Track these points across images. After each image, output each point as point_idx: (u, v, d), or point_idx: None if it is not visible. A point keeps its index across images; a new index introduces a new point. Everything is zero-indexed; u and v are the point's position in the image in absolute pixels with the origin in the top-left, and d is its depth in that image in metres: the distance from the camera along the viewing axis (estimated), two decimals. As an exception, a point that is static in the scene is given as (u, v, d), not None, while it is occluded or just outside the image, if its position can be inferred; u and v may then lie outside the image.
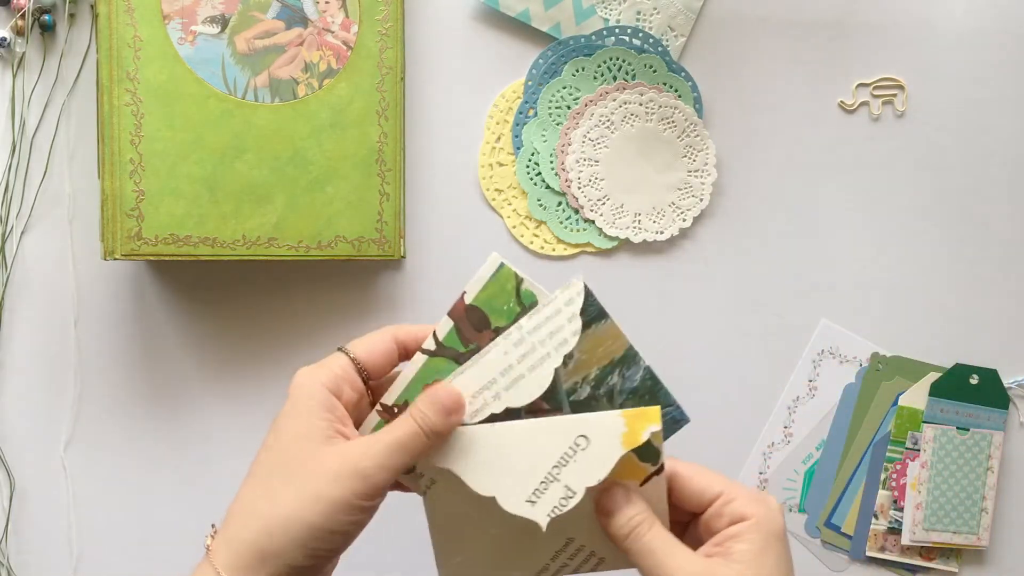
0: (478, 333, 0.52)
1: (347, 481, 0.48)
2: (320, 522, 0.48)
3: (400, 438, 0.49)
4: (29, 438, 0.74)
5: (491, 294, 0.53)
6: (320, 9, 0.69)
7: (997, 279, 0.79)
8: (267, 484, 0.49)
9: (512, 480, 0.51)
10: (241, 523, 0.49)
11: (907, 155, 0.78)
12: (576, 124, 0.75)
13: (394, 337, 0.54)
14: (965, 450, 0.78)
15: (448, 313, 0.53)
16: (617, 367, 0.54)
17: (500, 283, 0.53)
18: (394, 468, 0.49)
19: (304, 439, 0.50)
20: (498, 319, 0.53)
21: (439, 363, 0.52)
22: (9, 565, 0.74)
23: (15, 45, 0.71)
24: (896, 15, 0.77)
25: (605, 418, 0.51)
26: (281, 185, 0.68)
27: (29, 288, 0.73)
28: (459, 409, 0.51)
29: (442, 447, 0.51)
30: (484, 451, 0.51)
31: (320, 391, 0.51)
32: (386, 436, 0.50)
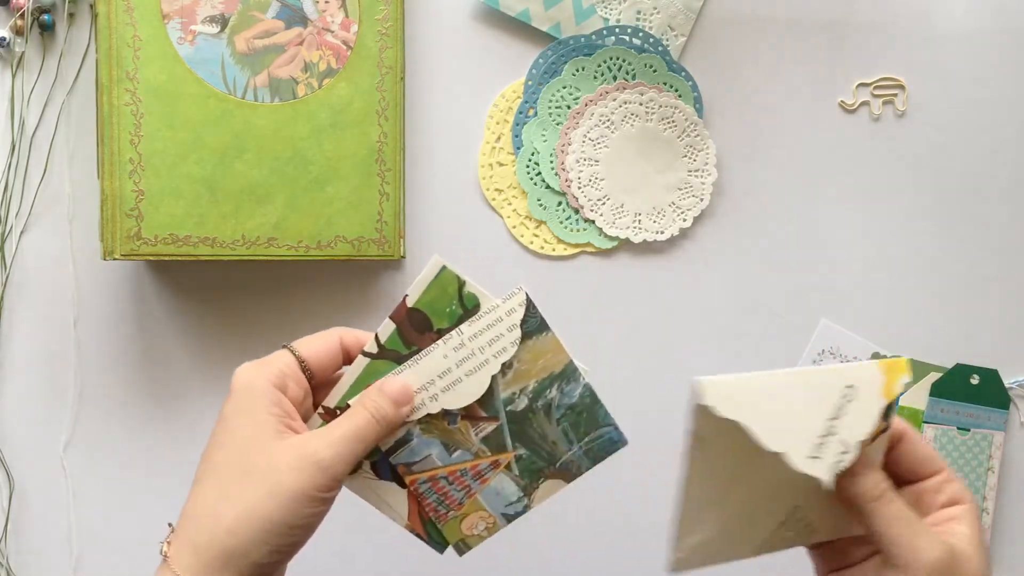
0: (420, 335, 0.53)
1: (306, 473, 0.48)
2: (281, 516, 0.47)
3: (356, 428, 0.50)
4: (29, 438, 0.74)
5: (433, 297, 0.53)
6: (320, 9, 0.69)
7: (997, 279, 0.79)
8: (223, 483, 0.49)
9: (795, 435, 0.48)
10: (201, 525, 0.48)
11: (907, 155, 0.78)
12: (576, 124, 0.75)
13: (340, 339, 0.54)
14: (966, 450, 0.78)
15: (390, 316, 0.52)
16: (556, 381, 0.54)
17: (442, 286, 0.53)
18: (351, 457, 0.49)
19: (256, 435, 0.49)
20: (440, 321, 0.53)
21: (380, 365, 0.53)
22: (9, 565, 0.74)
23: (14, 45, 0.71)
24: (896, 15, 0.77)
25: (865, 368, 0.49)
26: (281, 185, 0.68)
27: (29, 288, 0.73)
28: (408, 400, 0.52)
29: (735, 397, 0.48)
30: (768, 402, 0.48)
31: (266, 387, 0.50)
32: (342, 426, 0.50)
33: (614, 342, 0.77)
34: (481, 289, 0.53)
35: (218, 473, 0.49)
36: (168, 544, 0.49)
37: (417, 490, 0.54)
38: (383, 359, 0.52)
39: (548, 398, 0.54)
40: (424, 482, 0.54)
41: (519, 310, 0.53)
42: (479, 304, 0.53)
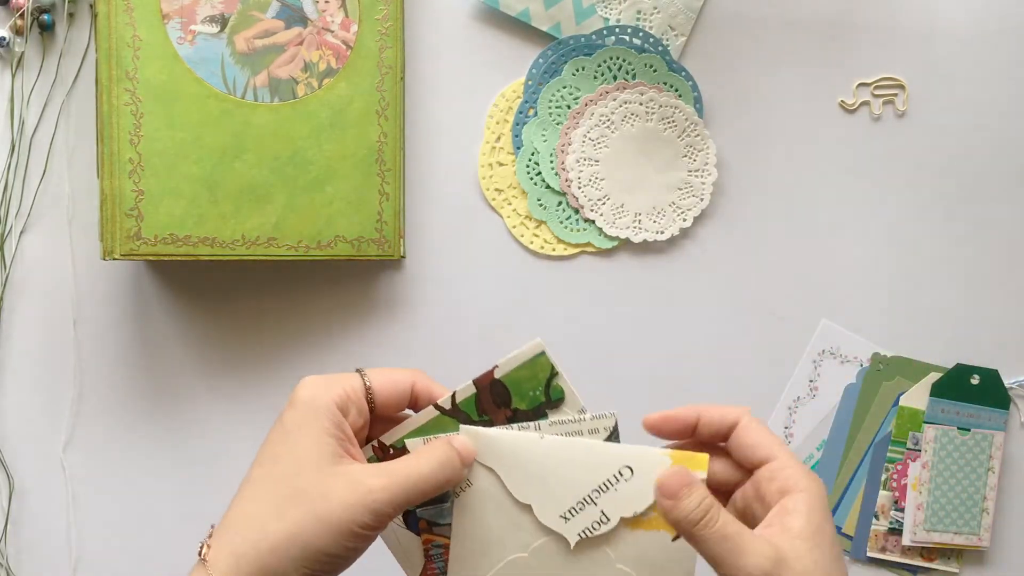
0: (496, 408, 0.52)
1: (356, 510, 0.47)
2: (324, 545, 0.47)
3: (420, 473, 0.49)
4: (28, 438, 0.74)
5: (522, 377, 0.52)
6: (320, 8, 0.69)
7: (997, 279, 0.79)
8: (275, 499, 0.48)
9: (550, 493, 0.51)
10: (245, 536, 0.48)
11: (908, 155, 0.78)
12: (576, 124, 0.75)
13: (414, 381, 0.53)
14: (966, 450, 0.78)
15: (474, 380, 0.52)
16: None
17: (534, 369, 0.52)
18: (405, 502, 0.48)
19: (313, 455, 0.48)
20: (520, 402, 0.52)
21: (448, 422, 0.52)
22: (8, 565, 0.74)
23: (14, 44, 0.71)
24: (896, 15, 0.77)
25: (651, 454, 0.51)
26: (281, 185, 0.68)
27: (28, 288, 0.73)
28: (471, 461, 0.51)
29: (489, 448, 0.51)
30: (529, 458, 0.51)
31: (330, 406, 0.50)
32: (404, 469, 0.49)
33: (614, 342, 0.77)
34: (571, 386, 0.53)
35: (272, 487, 0.49)
36: (208, 546, 0.48)
37: (428, 551, 0.53)
38: (453, 417, 0.52)
39: None
40: (437, 546, 0.53)
41: (603, 434, 0.52)
42: (563, 399, 0.53)
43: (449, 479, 0.50)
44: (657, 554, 0.51)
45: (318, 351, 0.75)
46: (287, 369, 0.75)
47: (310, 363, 0.75)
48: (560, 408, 0.53)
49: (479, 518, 0.52)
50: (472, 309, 0.76)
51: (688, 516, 0.49)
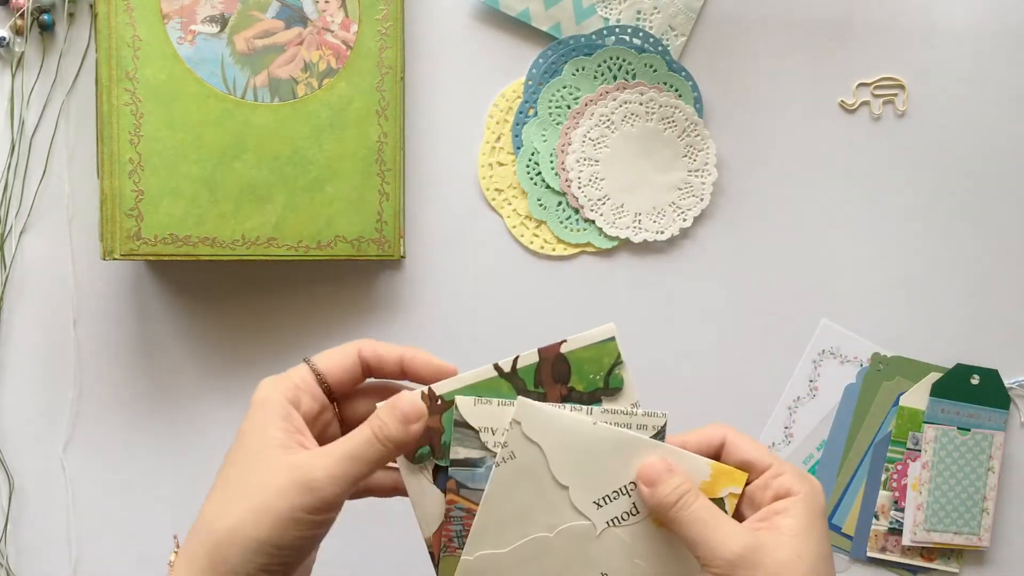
0: (553, 383, 0.52)
1: (293, 493, 0.46)
2: (267, 536, 0.46)
3: (354, 448, 0.48)
4: (28, 438, 0.74)
5: (587, 357, 0.52)
6: (320, 8, 0.69)
7: (997, 279, 0.79)
8: (225, 495, 0.48)
9: (590, 478, 0.51)
10: (198, 538, 0.47)
11: (908, 155, 0.78)
12: (576, 124, 0.75)
13: (359, 351, 0.53)
14: (966, 450, 0.78)
15: (539, 349, 0.52)
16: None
17: (600, 352, 0.53)
18: (346, 480, 0.47)
19: (261, 450, 0.48)
20: (578, 382, 0.53)
21: (502, 384, 0.52)
22: (8, 565, 0.74)
23: (14, 44, 0.71)
24: (896, 15, 0.77)
25: (696, 460, 0.52)
26: (281, 185, 0.68)
27: (28, 288, 0.73)
28: (419, 418, 0.49)
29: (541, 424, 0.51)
30: (577, 441, 0.51)
31: (279, 400, 0.50)
32: (341, 448, 0.48)
33: (614, 342, 0.77)
34: (632, 380, 0.53)
35: (224, 485, 0.49)
36: (175, 555, 0.49)
37: (450, 511, 0.53)
38: (508, 381, 0.52)
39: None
40: (460, 508, 0.53)
41: (650, 431, 0.52)
42: (621, 389, 0.53)
43: (387, 450, 0.48)
44: (674, 555, 0.52)
45: (318, 351, 0.75)
46: (287, 369, 0.75)
47: (310, 363, 0.75)
48: (615, 398, 0.53)
49: (514, 490, 0.52)
50: (472, 309, 0.76)
51: (663, 500, 0.50)
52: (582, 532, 0.52)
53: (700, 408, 0.77)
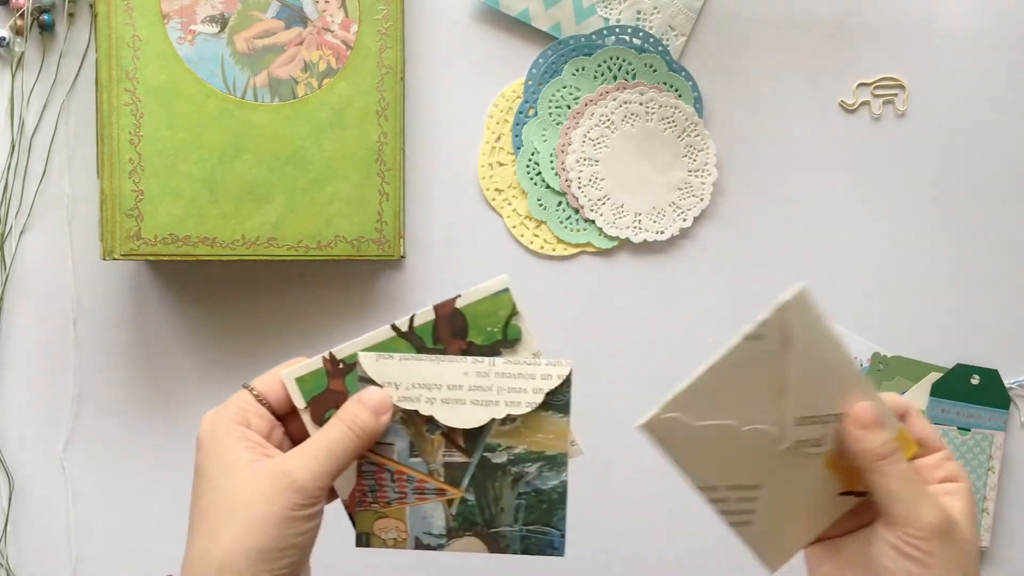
0: (451, 339, 0.53)
1: (281, 496, 0.48)
2: (266, 543, 0.47)
3: (330, 442, 0.50)
4: (29, 438, 0.74)
5: (482, 311, 0.53)
6: (320, 9, 0.69)
7: (997, 279, 0.79)
8: (209, 525, 0.48)
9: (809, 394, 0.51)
10: (194, 569, 0.48)
11: (908, 155, 0.78)
12: (576, 124, 0.75)
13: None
14: (966, 450, 0.78)
15: (434, 306, 0.53)
16: (541, 461, 0.53)
17: (495, 305, 0.53)
18: (327, 474, 0.49)
19: (228, 473, 0.49)
20: (476, 336, 0.53)
21: (401, 344, 0.53)
22: (8, 565, 0.74)
23: (14, 44, 0.71)
24: (896, 15, 0.77)
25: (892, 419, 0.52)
26: (281, 185, 0.68)
27: (29, 288, 0.73)
28: (387, 410, 0.51)
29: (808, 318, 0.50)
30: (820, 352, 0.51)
31: (229, 425, 0.50)
32: (318, 442, 0.50)
33: (614, 342, 0.77)
34: (530, 329, 0.53)
35: (203, 517, 0.49)
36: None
37: (360, 467, 0.53)
38: (406, 340, 0.53)
39: (524, 470, 0.53)
40: (371, 463, 0.53)
41: (555, 381, 0.52)
42: (519, 339, 0.53)
43: (361, 441, 0.50)
44: (820, 493, 0.53)
45: (318, 351, 0.75)
46: (287, 369, 0.75)
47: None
48: (515, 349, 0.53)
49: (742, 372, 0.51)
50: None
51: (876, 448, 0.51)
52: (768, 442, 0.52)
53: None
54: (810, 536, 0.54)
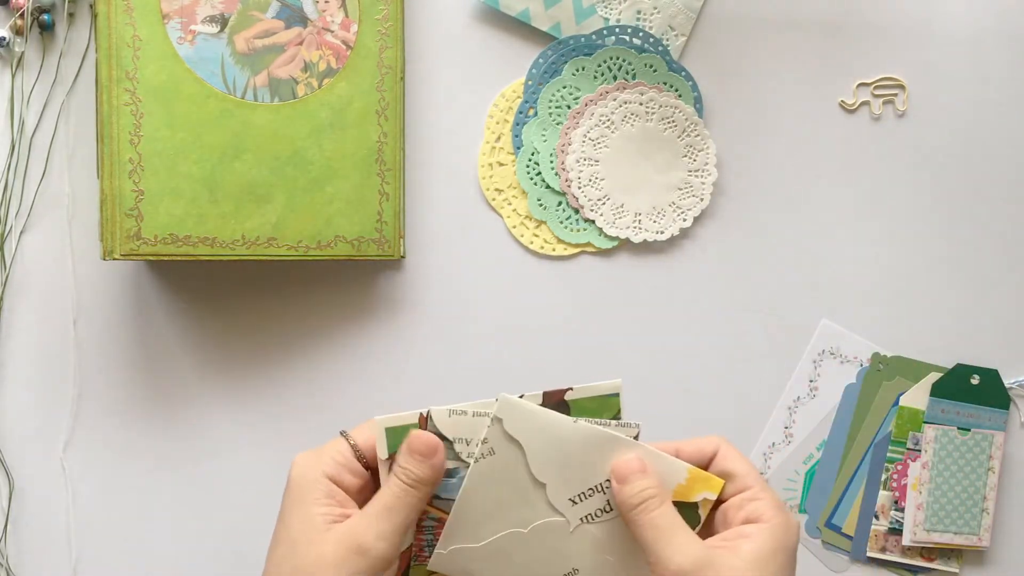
0: None
1: (350, 563, 0.48)
2: None
3: (388, 501, 0.50)
4: (28, 438, 0.74)
5: (589, 407, 0.53)
6: (320, 8, 0.69)
7: (997, 279, 0.79)
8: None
9: (567, 475, 0.53)
10: None
11: (908, 155, 0.78)
12: (576, 124, 0.75)
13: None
14: (966, 450, 0.78)
15: (544, 392, 0.53)
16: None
17: (603, 406, 0.54)
18: (394, 532, 0.49)
19: (306, 530, 0.49)
20: None
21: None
22: (8, 565, 0.74)
23: (14, 44, 0.71)
24: (896, 15, 0.77)
25: (673, 463, 0.53)
26: (281, 185, 0.68)
27: (28, 288, 0.73)
28: (435, 450, 0.51)
29: (524, 422, 0.52)
30: (558, 440, 0.53)
31: (318, 478, 0.51)
32: (376, 503, 0.50)
33: (614, 342, 0.77)
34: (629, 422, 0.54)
35: (278, 570, 0.50)
36: None
37: (422, 521, 0.53)
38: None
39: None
40: (432, 518, 0.53)
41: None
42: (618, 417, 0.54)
43: (420, 491, 0.51)
44: (642, 552, 0.52)
45: (318, 351, 0.75)
46: (287, 369, 0.75)
47: (309, 363, 0.75)
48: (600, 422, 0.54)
49: (491, 486, 0.52)
50: (472, 309, 0.76)
51: (628, 499, 0.51)
52: (556, 528, 0.53)
53: (700, 408, 0.77)
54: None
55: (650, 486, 0.51)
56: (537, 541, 0.53)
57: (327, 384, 0.75)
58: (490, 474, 0.52)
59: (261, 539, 0.76)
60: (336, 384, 0.75)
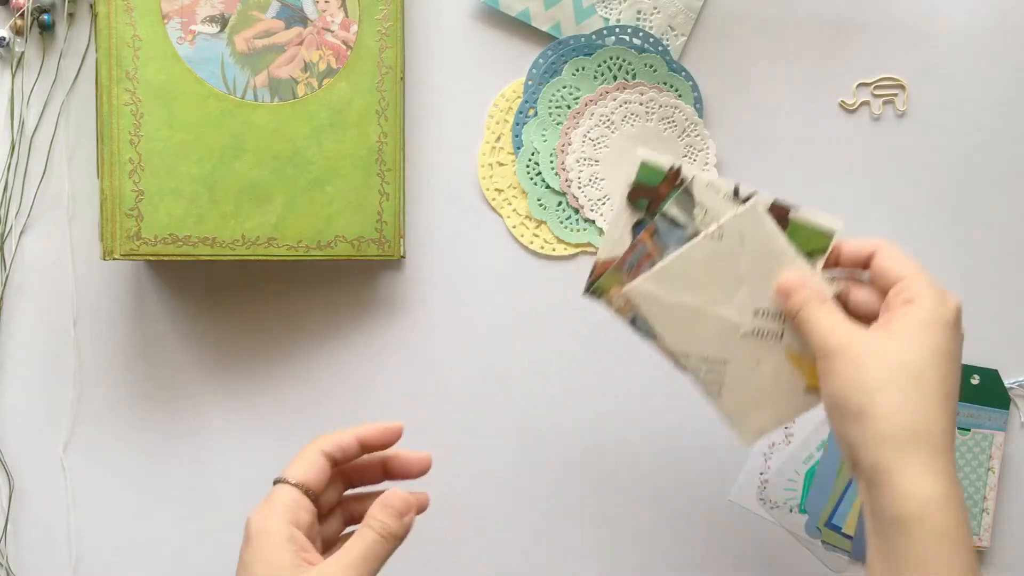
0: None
1: None
2: None
3: (365, 550, 0.53)
4: (29, 438, 0.74)
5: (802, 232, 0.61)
6: (320, 8, 0.69)
7: (997, 279, 0.79)
8: None
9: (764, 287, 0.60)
10: None
11: (908, 155, 0.78)
12: (576, 124, 0.75)
13: (321, 452, 0.57)
14: (966, 450, 0.78)
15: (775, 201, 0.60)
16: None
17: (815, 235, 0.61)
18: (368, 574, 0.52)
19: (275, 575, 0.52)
20: None
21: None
22: (8, 565, 0.74)
23: (14, 44, 0.71)
24: (896, 15, 0.77)
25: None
26: (281, 185, 0.68)
27: (29, 288, 0.73)
28: (410, 510, 0.54)
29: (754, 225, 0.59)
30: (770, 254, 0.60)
31: (280, 526, 0.53)
32: (350, 553, 0.52)
33: (614, 342, 0.77)
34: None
35: None
36: None
37: (635, 246, 0.61)
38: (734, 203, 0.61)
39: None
40: (645, 247, 0.61)
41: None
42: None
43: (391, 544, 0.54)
44: (787, 385, 0.61)
45: (318, 351, 0.75)
46: (287, 369, 0.75)
47: (309, 363, 0.75)
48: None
49: (705, 262, 0.60)
50: (472, 309, 0.76)
51: (792, 306, 0.58)
52: (730, 325, 0.61)
53: (699, 409, 0.77)
54: (779, 422, 0.62)
55: (811, 291, 0.57)
56: (711, 325, 0.61)
57: (327, 384, 0.75)
58: (709, 252, 0.60)
59: (261, 539, 0.76)
60: (336, 384, 0.75)
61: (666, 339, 0.62)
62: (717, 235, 0.60)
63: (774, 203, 0.60)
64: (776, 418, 0.62)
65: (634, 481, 0.77)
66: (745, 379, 0.61)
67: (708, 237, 0.60)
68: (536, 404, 0.77)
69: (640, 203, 0.61)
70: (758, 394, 0.61)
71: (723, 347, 0.61)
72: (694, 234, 0.60)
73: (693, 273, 0.60)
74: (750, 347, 0.61)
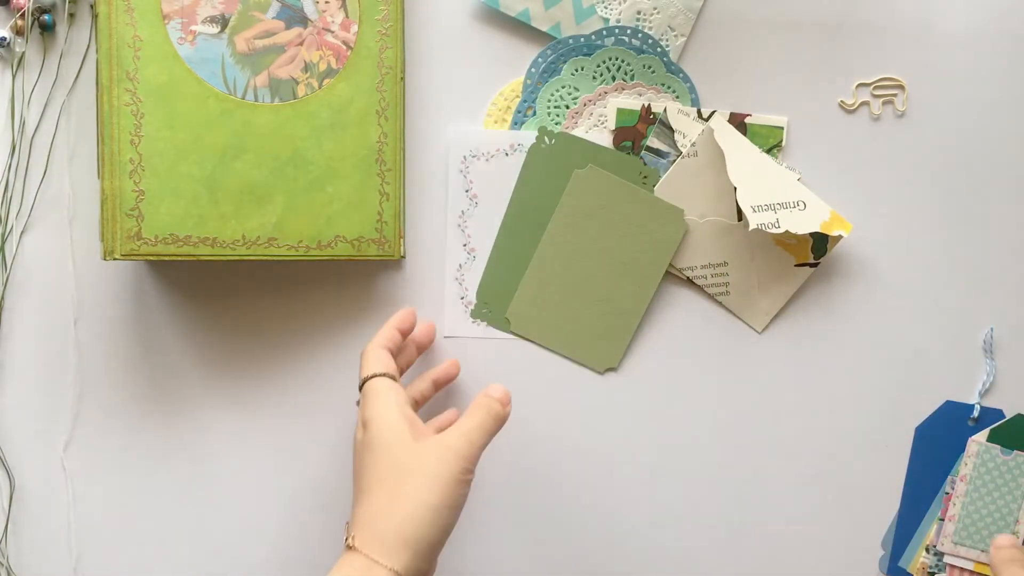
0: None
1: (450, 460, 0.61)
2: (441, 499, 0.60)
3: (478, 423, 0.63)
4: (29, 438, 0.74)
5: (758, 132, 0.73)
6: (320, 9, 0.69)
7: (997, 279, 0.78)
8: (390, 487, 0.60)
9: (751, 190, 0.71)
10: (380, 521, 0.59)
11: (907, 155, 0.78)
12: (575, 124, 0.75)
13: (383, 348, 0.68)
14: (1006, 471, 0.77)
15: (732, 112, 0.73)
16: None
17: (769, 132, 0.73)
18: (481, 445, 0.63)
19: (403, 444, 0.61)
20: None
21: None
22: (9, 565, 0.74)
23: (15, 45, 0.72)
24: (896, 15, 0.77)
25: (820, 204, 0.73)
26: (281, 185, 0.68)
27: (29, 288, 0.73)
28: (509, 401, 0.65)
29: (728, 135, 0.72)
30: (749, 159, 0.72)
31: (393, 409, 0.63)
32: (469, 423, 0.63)
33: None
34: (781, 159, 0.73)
35: (382, 481, 0.61)
36: (353, 538, 0.60)
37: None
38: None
39: None
40: None
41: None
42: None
43: (497, 424, 0.64)
44: (779, 267, 0.73)
45: (318, 351, 0.75)
46: (287, 369, 0.75)
47: (310, 363, 0.75)
48: None
49: (696, 177, 0.70)
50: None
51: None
52: (725, 228, 0.71)
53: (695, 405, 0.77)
54: (780, 302, 0.73)
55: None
56: (706, 232, 0.70)
57: (327, 384, 0.75)
58: (691, 169, 0.70)
59: (261, 538, 0.76)
60: (336, 384, 0.75)
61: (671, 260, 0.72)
62: (693, 152, 0.69)
63: (732, 114, 0.70)
64: (778, 301, 0.73)
65: (638, 475, 0.77)
66: (745, 274, 0.72)
67: (686, 156, 0.69)
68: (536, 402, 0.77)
69: (624, 145, 0.72)
70: (758, 283, 0.72)
71: (721, 251, 0.71)
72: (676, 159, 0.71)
73: (682, 191, 0.70)
74: (744, 243, 0.71)
